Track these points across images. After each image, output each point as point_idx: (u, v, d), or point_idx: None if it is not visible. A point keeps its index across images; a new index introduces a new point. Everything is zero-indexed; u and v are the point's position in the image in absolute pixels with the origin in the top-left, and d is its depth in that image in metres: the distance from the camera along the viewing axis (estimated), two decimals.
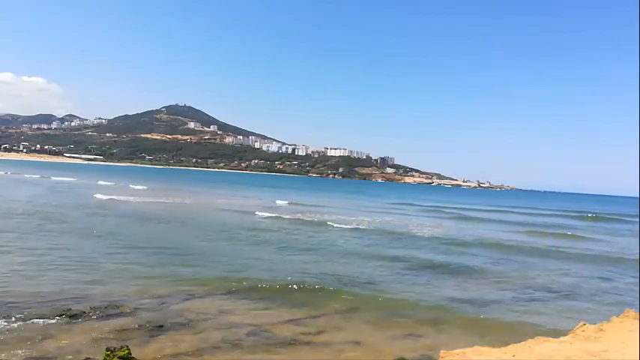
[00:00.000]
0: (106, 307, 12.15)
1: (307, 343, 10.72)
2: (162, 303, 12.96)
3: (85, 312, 11.70)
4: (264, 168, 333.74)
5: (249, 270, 18.00)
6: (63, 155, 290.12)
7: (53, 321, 11.00)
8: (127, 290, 13.87)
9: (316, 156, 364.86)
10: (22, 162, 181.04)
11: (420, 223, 44.40)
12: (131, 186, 69.84)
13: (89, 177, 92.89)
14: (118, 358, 8.35)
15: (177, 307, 12.59)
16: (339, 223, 36.89)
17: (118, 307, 12.32)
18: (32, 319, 11.03)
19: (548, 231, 42.71)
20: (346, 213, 48.88)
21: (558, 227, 47.67)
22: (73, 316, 11.35)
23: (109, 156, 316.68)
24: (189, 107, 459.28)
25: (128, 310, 12.12)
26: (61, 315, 11.35)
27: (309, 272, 18.40)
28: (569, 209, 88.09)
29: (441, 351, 7.86)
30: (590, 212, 76.64)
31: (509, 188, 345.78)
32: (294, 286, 15.80)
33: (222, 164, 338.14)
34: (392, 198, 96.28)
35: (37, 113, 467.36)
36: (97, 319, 11.39)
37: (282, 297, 14.61)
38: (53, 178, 79.96)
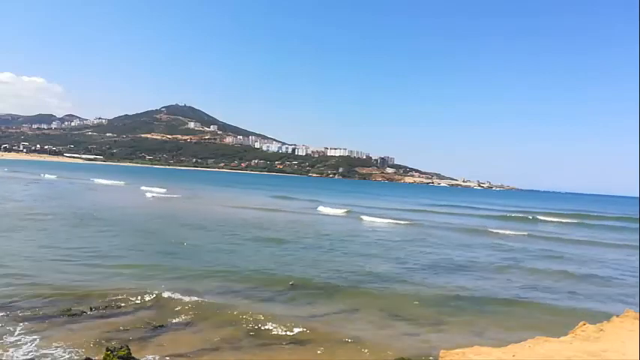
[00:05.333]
0: (106, 307, 12.16)
1: (308, 343, 10.71)
2: (163, 302, 12.95)
3: (85, 312, 11.70)
4: (264, 168, 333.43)
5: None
6: (63, 155, 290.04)
7: (53, 320, 11.00)
8: (127, 289, 13.86)
9: (316, 156, 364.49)
10: (21, 161, 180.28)
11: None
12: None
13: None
14: (118, 358, 8.34)
15: (178, 307, 12.58)
16: None
17: (118, 306, 12.33)
18: (32, 318, 11.04)
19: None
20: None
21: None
22: (73, 316, 11.36)
23: (109, 156, 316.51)
24: (190, 107, 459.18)
25: (128, 310, 12.12)
26: (61, 315, 11.35)
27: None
28: (530, 208, 79.22)
29: (441, 351, 7.85)
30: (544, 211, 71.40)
31: (509, 188, 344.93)
32: (295, 285, 15.80)
33: (222, 164, 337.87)
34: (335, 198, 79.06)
35: (37, 113, 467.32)
36: (97, 318, 11.39)
37: (283, 296, 14.61)
38: None
